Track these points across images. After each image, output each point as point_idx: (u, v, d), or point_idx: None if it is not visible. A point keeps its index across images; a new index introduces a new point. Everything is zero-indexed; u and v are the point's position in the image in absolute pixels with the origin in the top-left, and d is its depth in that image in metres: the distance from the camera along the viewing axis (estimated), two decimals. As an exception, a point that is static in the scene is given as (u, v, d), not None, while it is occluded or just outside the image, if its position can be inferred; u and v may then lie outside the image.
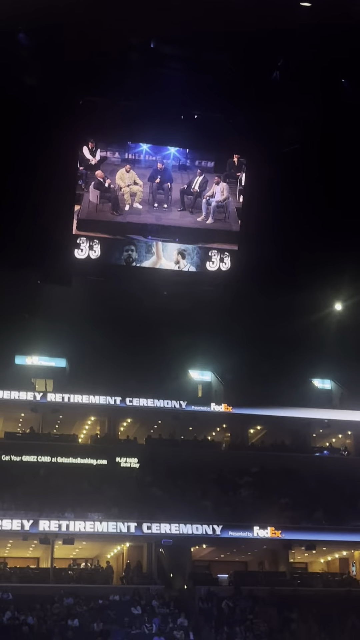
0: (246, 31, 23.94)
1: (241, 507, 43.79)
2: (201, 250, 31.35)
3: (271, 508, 43.86)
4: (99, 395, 46.38)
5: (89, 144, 29.19)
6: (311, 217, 31.72)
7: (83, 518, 40.15)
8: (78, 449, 45.75)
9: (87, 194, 29.66)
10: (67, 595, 37.34)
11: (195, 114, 28.48)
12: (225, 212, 30.87)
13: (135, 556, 42.62)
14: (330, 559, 46.91)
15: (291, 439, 50.81)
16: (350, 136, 28.18)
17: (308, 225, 32.15)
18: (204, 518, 41.80)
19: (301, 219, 31.84)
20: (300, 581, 43.30)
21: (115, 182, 29.82)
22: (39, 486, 42.37)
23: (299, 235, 32.80)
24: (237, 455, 48.15)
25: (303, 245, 33.50)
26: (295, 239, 32.99)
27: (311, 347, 52.87)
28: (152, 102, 27.77)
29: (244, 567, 46.25)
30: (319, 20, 22.85)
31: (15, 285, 40.68)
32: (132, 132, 29.28)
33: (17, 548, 41.64)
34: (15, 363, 48.86)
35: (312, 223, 32.01)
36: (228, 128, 28.87)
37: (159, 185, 30.18)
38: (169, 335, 52.98)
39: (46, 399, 45.60)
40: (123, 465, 45.19)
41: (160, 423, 48.55)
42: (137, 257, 30.91)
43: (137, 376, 49.12)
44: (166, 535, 40.61)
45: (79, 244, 30.06)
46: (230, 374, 52.17)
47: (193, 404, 48.09)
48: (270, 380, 52.94)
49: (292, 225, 32.25)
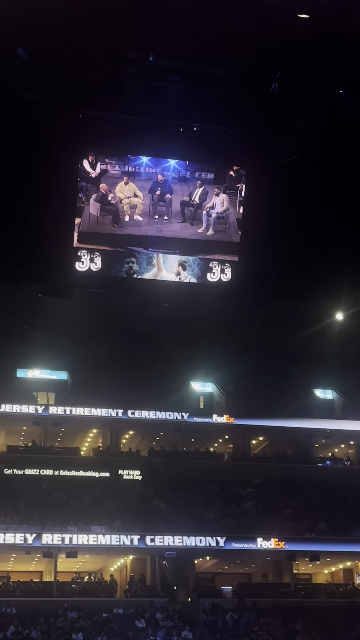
0: (244, 43, 24.07)
1: (244, 519, 43.72)
2: (202, 262, 31.36)
3: (274, 519, 43.82)
4: (100, 408, 46.42)
5: (89, 157, 29.27)
6: (312, 227, 31.76)
7: (86, 531, 40.13)
8: (80, 462, 45.75)
9: (88, 206, 29.73)
10: (71, 609, 37.23)
11: (195, 126, 28.59)
12: (225, 223, 30.91)
13: (139, 569, 42.53)
14: (335, 569, 46.80)
15: (294, 450, 50.79)
16: (350, 147, 28.27)
17: (308, 236, 32.18)
18: (207, 530, 41.76)
19: (302, 229, 31.87)
20: (304, 592, 43.19)
21: (115, 194, 29.93)
22: (42, 499, 42.37)
23: (299, 246, 32.82)
24: (240, 467, 48.13)
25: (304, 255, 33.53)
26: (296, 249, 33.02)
27: (313, 358, 52.92)
28: (152, 115, 27.89)
29: (248, 579, 46.16)
30: (317, 32, 22.96)
31: (16, 299, 40.72)
32: (131, 145, 29.35)
33: (20, 562, 41.56)
34: (17, 376, 48.91)
35: (313, 233, 32.04)
36: (227, 140, 28.98)
37: (160, 197, 30.28)
38: (170, 347, 53.07)
39: (48, 412, 45.64)
40: (125, 478, 45.19)
41: (162, 435, 48.52)
42: (138, 269, 30.94)
43: (138, 388, 49.17)
44: (169, 547, 40.54)
45: (80, 256, 30.11)
46: (231, 385, 52.17)
47: (195, 415, 48.11)
48: (272, 391, 53.00)
49: (293, 235, 32.28)
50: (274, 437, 50.46)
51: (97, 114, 27.67)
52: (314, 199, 30.53)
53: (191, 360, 52.72)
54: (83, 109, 27.39)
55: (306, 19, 22.34)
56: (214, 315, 37.78)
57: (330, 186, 30.07)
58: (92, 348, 48.97)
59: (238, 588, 42.01)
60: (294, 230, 31.93)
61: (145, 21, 22.92)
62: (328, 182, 29.94)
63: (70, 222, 29.68)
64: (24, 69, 25.23)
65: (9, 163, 28.16)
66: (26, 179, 28.50)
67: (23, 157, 27.91)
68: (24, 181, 28.57)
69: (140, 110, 27.61)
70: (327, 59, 24.53)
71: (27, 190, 28.74)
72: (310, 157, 29.07)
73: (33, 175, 28.24)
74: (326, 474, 48.31)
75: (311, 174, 29.74)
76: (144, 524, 41.55)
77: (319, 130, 27.96)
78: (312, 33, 23.15)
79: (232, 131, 28.80)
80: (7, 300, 41.70)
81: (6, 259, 31.96)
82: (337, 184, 29.98)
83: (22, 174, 28.38)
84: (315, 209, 30.94)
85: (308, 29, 22.92)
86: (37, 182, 28.42)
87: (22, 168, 28.21)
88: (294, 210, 30.97)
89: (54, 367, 50.37)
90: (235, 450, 50.59)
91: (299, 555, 42.61)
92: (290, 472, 47.82)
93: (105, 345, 49.18)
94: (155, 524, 41.68)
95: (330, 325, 42.06)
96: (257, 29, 22.95)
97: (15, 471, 43.72)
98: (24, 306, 43.75)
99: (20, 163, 28.06)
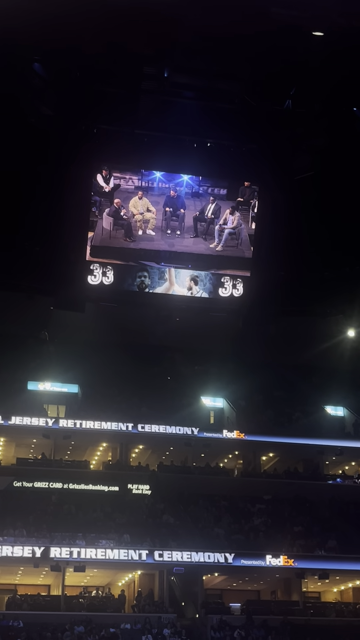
0: (259, 60, 24.19)
1: (254, 535, 43.48)
2: (214, 277, 31.49)
3: (284, 536, 43.53)
4: (110, 422, 46.34)
5: (102, 172, 29.47)
6: (324, 244, 31.79)
7: (94, 545, 39.97)
8: (90, 476, 45.64)
9: (101, 220, 29.93)
10: (78, 623, 37.04)
11: (209, 142, 28.73)
12: (237, 238, 31.03)
13: (147, 584, 42.32)
14: (344, 588, 46.39)
15: (304, 467, 50.54)
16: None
17: (321, 252, 32.20)
18: (216, 546, 41.50)
19: (314, 245, 31.91)
20: (313, 611, 42.80)
21: (129, 209, 30.06)
22: (51, 513, 42.25)
23: (311, 262, 32.85)
24: (250, 483, 47.87)
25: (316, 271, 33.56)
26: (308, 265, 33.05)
27: (324, 374, 52.79)
28: (166, 131, 28.03)
29: (257, 596, 45.82)
30: (332, 50, 23.05)
31: (29, 312, 40.87)
32: (145, 160, 29.55)
33: (28, 575, 41.42)
34: (27, 389, 48.95)
35: (326, 250, 32.07)
36: (241, 156, 29.09)
37: (172, 212, 30.40)
38: (182, 361, 53.07)
39: (58, 425, 45.60)
40: (135, 492, 45.04)
41: (172, 449, 48.41)
42: (150, 283, 31.08)
43: (149, 402, 49.13)
44: (178, 563, 40.31)
45: (93, 270, 30.32)
46: (242, 400, 52.07)
47: (205, 430, 47.96)
48: (283, 407, 52.84)
49: (305, 252, 32.32)
50: (284, 454, 50.28)
51: (111, 128, 27.88)
52: (327, 216, 30.59)
53: (202, 374, 52.69)
54: (98, 123, 27.60)
55: (321, 36, 22.43)
56: (226, 330, 37.79)
57: (344, 203, 30.11)
58: (103, 362, 49.02)
59: (246, 605, 41.71)
60: (307, 247, 31.98)
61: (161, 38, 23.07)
62: (342, 199, 29.98)
63: (83, 235, 29.87)
64: (40, 84, 25.45)
65: (23, 177, 28.34)
66: (40, 193, 28.68)
67: (37, 171, 28.08)
68: (37, 195, 28.75)
69: (154, 125, 27.79)
70: (341, 76, 24.61)
71: (40, 203, 28.92)
72: (324, 174, 29.14)
73: (47, 189, 28.43)
74: (336, 491, 48.03)
75: (325, 190, 29.80)
76: (152, 539, 41.40)
77: (333, 147, 28.02)
78: (326, 51, 23.25)
79: (246, 147, 28.95)
80: (20, 313, 41.85)
81: (19, 272, 32.13)
82: (351, 201, 30.02)
83: (36, 188, 28.57)
84: (328, 226, 30.98)
85: (323, 47, 23.02)
86: (51, 196, 28.61)
87: (36, 182, 28.40)
88: (307, 227, 31.02)
89: (65, 380, 50.40)
90: (245, 466, 50.43)
91: (308, 573, 42.31)
92: (300, 489, 47.59)
93: (117, 359, 49.22)
94: (164, 539, 41.52)
95: (342, 341, 41.95)
96: (272, 46, 23.07)
97: (24, 484, 43.70)
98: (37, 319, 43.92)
99: (35, 177, 28.24)
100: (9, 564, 39.52)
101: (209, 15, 21.44)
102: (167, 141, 28.53)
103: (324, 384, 53.25)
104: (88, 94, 26.05)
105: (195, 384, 51.41)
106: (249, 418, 50.48)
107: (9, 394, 46.71)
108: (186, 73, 25.81)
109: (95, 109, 26.84)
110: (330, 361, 49.05)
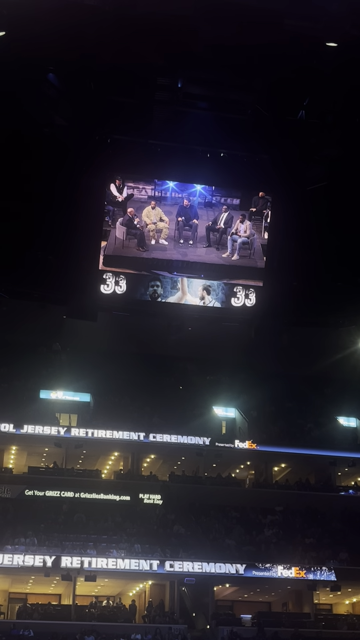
0: (272, 70, 24.28)
1: (265, 546, 43.29)
2: (226, 287, 31.51)
3: (295, 548, 43.32)
4: (122, 431, 46.29)
5: (116, 182, 29.59)
6: (337, 254, 31.76)
7: (105, 555, 39.89)
8: (101, 485, 45.60)
9: (114, 230, 30.03)
10: (89, 633, 36.94)
11: (222, 152, 28.81)
12: (250, 248, 31.05)
13: (158, 594, 42.18)
14: (356, 600, 46.08)
15: (316, 478, 50.32)
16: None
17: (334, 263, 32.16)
18: (228, 557, 41.35)
19: (327, 256, 31.87)
20: (324, 623, 42.49)
21: (142, 218, 30.17)
22: (62, 522, 42.22)
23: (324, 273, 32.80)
24: (261, 494, 47.68)
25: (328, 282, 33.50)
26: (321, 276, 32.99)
27: (336, 385, 52.65)
28: (179, 141, 28.16)
29: (268, 608, 45.55)
30: (345, 61, 23.12)
31: (41, 321, 40.99)
32: (158, 170, 29.66)
33: (39, 584, 41.37)
34: (39, 397, 48.99)
35: (338, 260, 32.03)
36: (254, 166, 29.15)
37: (185, 222, 30.48)
38: (194, 371, 53.05)
39: (70, 434, 45.61)
40: (146, 502, 44.95)
41: (183, 459, 48.33)
42: (163, 292, 31.13)
43: (161, 412, 49.09)
44: (189, 573, 40.15)
45: (105, 279, 30.41)
46: (254, 410, 51.94)
47: (217, 440, 47.81)
48: (295, 417, 52.67)
49: (318, 262, 32.29)
50: (296, 465, 50.09)
51: (125, 138, 28.03)
52: (340, 226, 30.58)
53: (214, 384, 52.62)
54: (112, 133, 27.75)
55: (334, 47, 22.50)
56: (238, 340, 37.77)
57: (356, 214, 30.09)
58: (116, 371, 49.07)
59: (258, 617, 41.49)
60: (319, 257, 31.94)
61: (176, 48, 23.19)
62: (354, 209, 29.97)
63: (97, 245, 29.98)
64: (54, 94, 25.62)
65: (37, 186, 28.49)
66: (53, 202, 28.82)
67: (51, 181, 28.22)
68: (51, 204, 28.88)
69: (168, 135, 27.91)
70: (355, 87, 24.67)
71: (54, 213, 29.05)
72: (337, 184, 29.16)
73: (60, 198, 28.56)
74: (348, 502, 47.78)
75: (338, 201, 29.81)
76: (163, 549, 41.29)
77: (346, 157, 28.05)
78: (340, 61, 23.32)
79: (259, 157, 29.02)
80: (33, 322, 42.00)
81: (32, 281, 32.25)
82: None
83: (50, 197, 28.71)
84: (340, 236, 30.97)
85: (337, 58, 23.10)
86: (65, 205, 28.73)
87: (50, 191, 28.54)
88: (319, 237, 31.01)
89: (77, 389, 50.42)
90: (256, 476, 50.26)
91: (320, 584, 42.09)
92: (312, 500, 47.37)
93: (129, 368, 49.26)
94: (175, 549, 41.39)
95: (355, 352, 41.87)
96: (286, 57, 23.16)
97: (36, 493, 43.70)
98: (49, 328, 44.07)
99: (48, 186, 28.38)
100: (20, 573, 39.50)
101: (222, 27, 21.57)
102: (180, 151, 28.66)
103: (337, 395, 53.06)
104: (102, 104, 26.21)
105: (207, 394, 51.33)
106: (261, 429, 50.34)
107: (21, 402, 46.79)
108: (199, 84, 25.95)
109: (109, 119, 27.00)
110: (343, 372, 48.96)
